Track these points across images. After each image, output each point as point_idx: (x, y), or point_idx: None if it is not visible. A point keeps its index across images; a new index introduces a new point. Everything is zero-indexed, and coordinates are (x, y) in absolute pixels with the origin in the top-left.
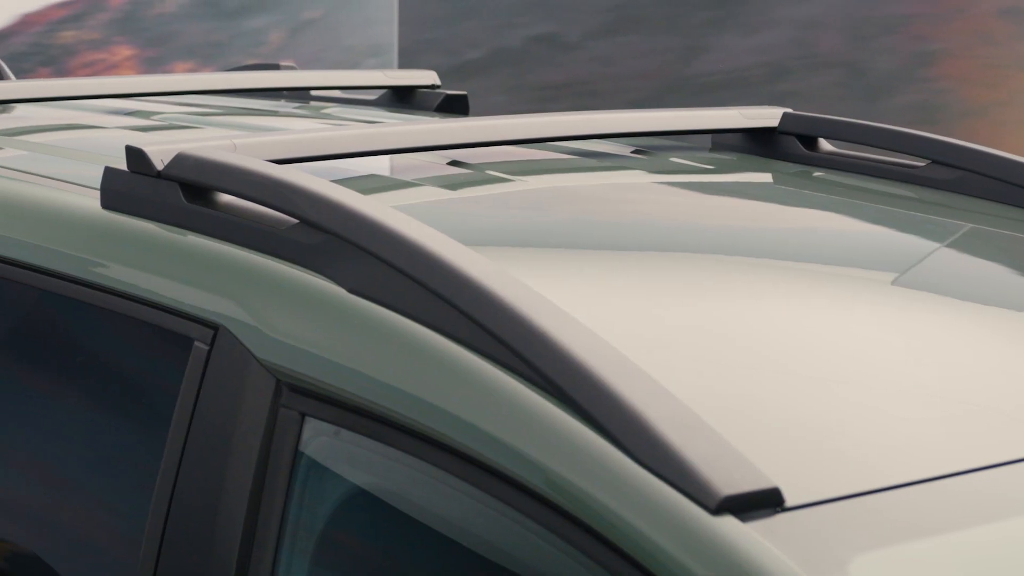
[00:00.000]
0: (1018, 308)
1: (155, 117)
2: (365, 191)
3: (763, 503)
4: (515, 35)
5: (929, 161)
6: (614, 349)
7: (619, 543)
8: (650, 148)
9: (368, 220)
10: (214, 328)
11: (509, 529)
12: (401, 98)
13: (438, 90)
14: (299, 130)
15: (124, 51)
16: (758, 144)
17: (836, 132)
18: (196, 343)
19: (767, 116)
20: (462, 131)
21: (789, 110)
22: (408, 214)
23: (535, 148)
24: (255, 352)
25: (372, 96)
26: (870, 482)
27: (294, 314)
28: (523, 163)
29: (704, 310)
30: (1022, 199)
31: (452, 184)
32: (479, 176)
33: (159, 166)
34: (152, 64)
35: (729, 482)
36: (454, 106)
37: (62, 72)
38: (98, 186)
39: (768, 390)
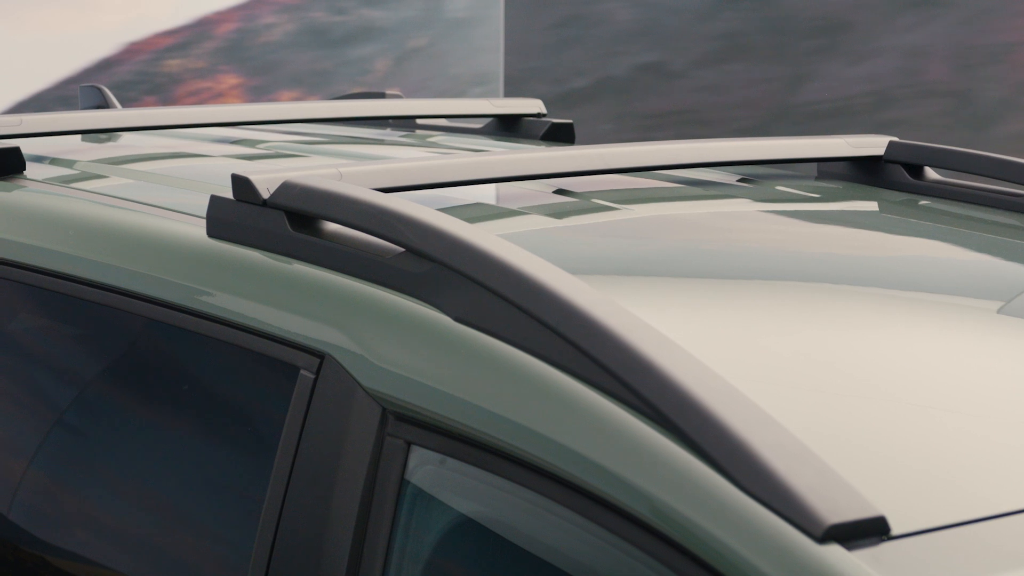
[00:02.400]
0: None
1: (261, 145)
2: (471, 219)
3: (869, 532)
4: (621, 63)
5: None
6: (720, 377)
7: (725, 572)
8: (756, 176)
9: (474, 248)
10: (320, 356)
11: (615, 557)
12: (507, 126)
13: (544, 118)
14: (405, 158)
15: (230, 79)
16: (864, 172)
17: (942, 160)
18: (302, 371)
19: (873, 144)
20: (568, 159)
21: (895, 138)
22: (514, 242)
23: (641, 177)
24: (361, 380)
25: (478, 124)
26: (976, 510)
27: (400, 342)
28: (629, 192)
29: (810, 338)
30: None
31: (558, 212)
32: (585, 205)
33: (265, 194)
34: (258, 92)
35: (835, 510)
36: (560, 134)
37: (168, 100)
38: (204, 214)
39: (873, 418)
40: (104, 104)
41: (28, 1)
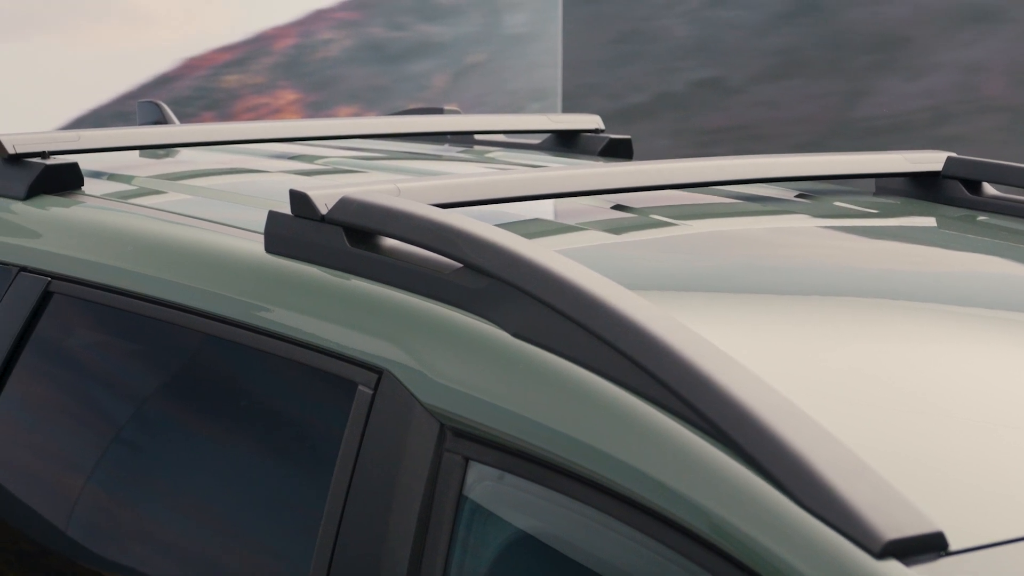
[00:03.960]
0: None
1: (319, 161)
2: (529, 235)
3: (927, 547)
4: (679, 79)
5: None
6: (778, 393)
7: None
8: (814, 192)
9: (532, 264)
10: (378, 372)
11: (674, 574)
12: (565, 142)
13: (602, 134)
14: (463, 174)
15: (288, 95)
16: (922, 188)
17: (1000, 176)
18: (360, 387)
19: (931, 160)
20: (626, 175)
21: (953, 154)
22: (572, 258)
23: (699, 192)
24: (419, 396)
25: (536, 140)
26: None
27: (458, 358)
28: (687, 207)
29: (867, 354)
30: None
31: (616, 228)
32: (643, 220)
33: (323, 210)
34: (316, 108)
35: (893, 526)
36: (618, 150)
37: (226, 116)
38: (262, 230)
39: (931, 433)
40: (162, 120)
41: (86, 17)
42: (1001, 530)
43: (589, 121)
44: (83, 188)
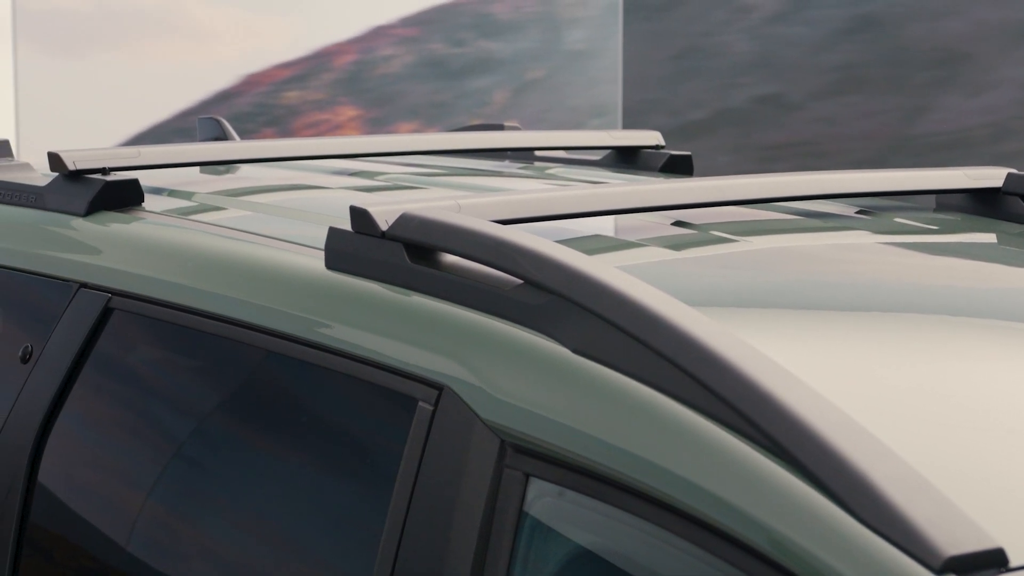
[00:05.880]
0: None
1: (379, 177)
2: (589, 251)
3: (987, 563)
4: (739, 95)
5: None
6: (838, 409)
7: None
8: (874, 208)
9: (592, 280)
10: (439, 388)
11: None
12: (625, 158)
13: (662, 150)
14: (523, 190)
15: (348, 111)
16: (982, 204)
17: None
18: (420, 403)
19: (991, 176)
20: (686, 191)
21: (1014, 170)
22: (632, 274)
23: (759, 208)
24: (479, 412)
25: (596, 156)
26: None
27: (518, 374)
28: (747, 223)
29: (927, 370)
30: None
31: (676, 244)
32: (703, 236)
33: (383, 226)
34: (376, 124)
35: (953, 542)
36: (678, 166)
37: (286, 132)
38: (322, 246)
39: (991, 450)
40: (222, 136)
41: (147, 33)
42: None
43: (649, 137)
44: (143, 204)
